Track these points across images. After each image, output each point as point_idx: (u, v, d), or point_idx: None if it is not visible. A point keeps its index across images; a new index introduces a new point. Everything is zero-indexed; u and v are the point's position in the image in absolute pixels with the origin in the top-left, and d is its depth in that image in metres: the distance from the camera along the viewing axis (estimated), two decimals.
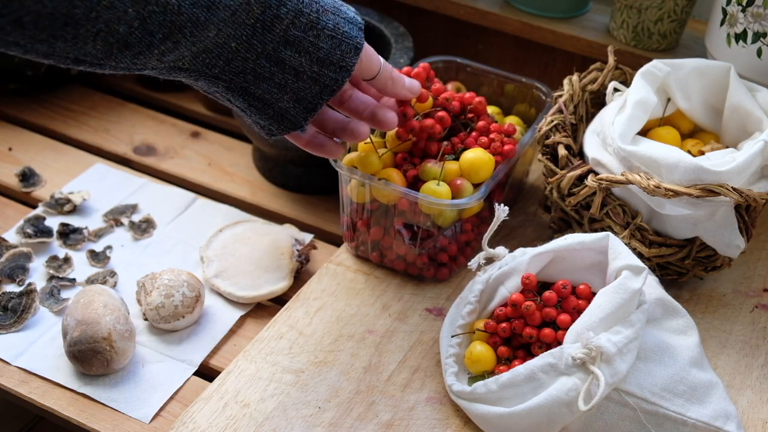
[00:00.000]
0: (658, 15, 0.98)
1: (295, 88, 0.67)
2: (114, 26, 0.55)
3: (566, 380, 0.67)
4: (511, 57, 1.15)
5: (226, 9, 0.60)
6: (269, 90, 0.67)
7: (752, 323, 0.84)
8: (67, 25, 0.54)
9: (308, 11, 0.65)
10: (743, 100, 0.84)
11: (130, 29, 0.56)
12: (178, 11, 0.57)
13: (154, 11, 0.56)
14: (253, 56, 0.64)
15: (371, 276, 0.88)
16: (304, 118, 0.69)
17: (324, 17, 0.66)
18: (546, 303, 0.73)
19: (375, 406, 0.74)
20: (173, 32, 0.58)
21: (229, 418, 0.73)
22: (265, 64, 0.65)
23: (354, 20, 0.68)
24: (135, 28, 0.56)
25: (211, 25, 0.60)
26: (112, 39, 0.56)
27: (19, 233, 0.92)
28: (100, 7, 0.54)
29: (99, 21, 0.54)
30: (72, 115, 1.13)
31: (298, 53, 0.65)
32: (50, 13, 0.52)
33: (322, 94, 0.68)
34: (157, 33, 0.57)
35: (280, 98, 0.67)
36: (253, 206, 1.01)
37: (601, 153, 0.82)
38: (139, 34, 0.57)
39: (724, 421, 0.68)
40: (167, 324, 0.81)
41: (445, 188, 0.79)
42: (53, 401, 0.76)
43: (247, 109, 0.68)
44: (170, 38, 0.58)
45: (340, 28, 0.67)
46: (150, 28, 0.57)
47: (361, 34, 0.68)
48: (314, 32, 0.65)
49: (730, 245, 0.81)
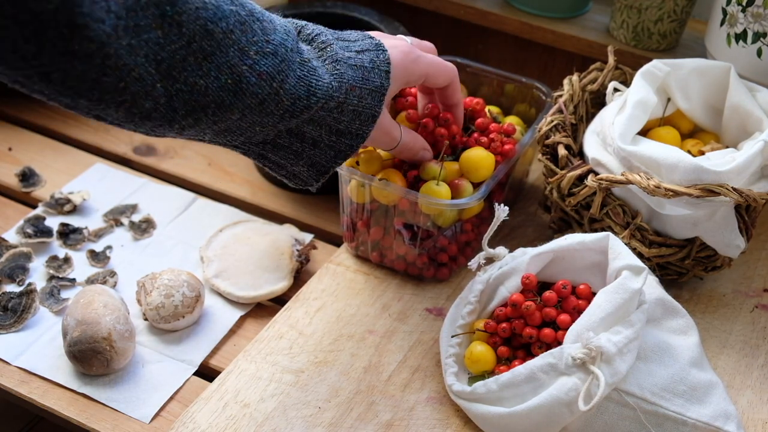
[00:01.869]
0: (658, 15, 0.98)
1: (310, 155, 0.68)
2: (140, 100, 0.55)
3: (566, 380, 0.67)
4: (511, 57, 1.15)
5: (253, 96, 0.60)
6: (285, 156, 0.68)
7: (752, 323, 0.84)
8: (94, 90, 0.53)
9: (337, 95, 0.65)
10: (743, 100, 0.84)
11: (155, 105, 0.56)
12: (205, 92, 0.58)
13: (181, 89, 0.57)
14: (274, 133, 0.65)
15: (371, 276, 0.88)
16: (316, 180, 0.71)
17: (351, 95, 0.66)
18: (546, 303, 0.73)
19: (375, 406, 0.74)
20: (196, 110, 0.58)
21: (229, 418, 0.73)
22: (285, 137, 0.66)
23: (379, 88, 0.68)
24: (161, 104, 0.56)
25: (236, 110, 0.60)
26: (135, 110, 0.56)
27: (19, 233, 0.92)
28: (129, 78, 0.54)
29: (126, 93, 0.54)
30: (72, 115, 1.13)
31: (319, 127, 0.67)
32: (79, 75, 0.52)
33: (336, 159, 0.69)
34: (180, 110, 0.58)
35: (295, 163, 0.69)
36: (253, 206, 1.01)
37: (601, 153, 0.82)
38: (163, 110, 0.57)
39: (724, 421, 0.68)
40: (167, 324, 0.81)
41: (445, 188, 0.79)
42: (53, 401, 0.76)
43: (261, 165, 0.70)
44: (192, 115, 0.59)
45: (363, 100, 0.67)
46: (175, 105, 0.57)
47: (381, 102, 0.68)
48: (339, 110, 0.66)
49: (730, 245, 0.81)
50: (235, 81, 0.59)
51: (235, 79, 0.59)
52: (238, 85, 0.59)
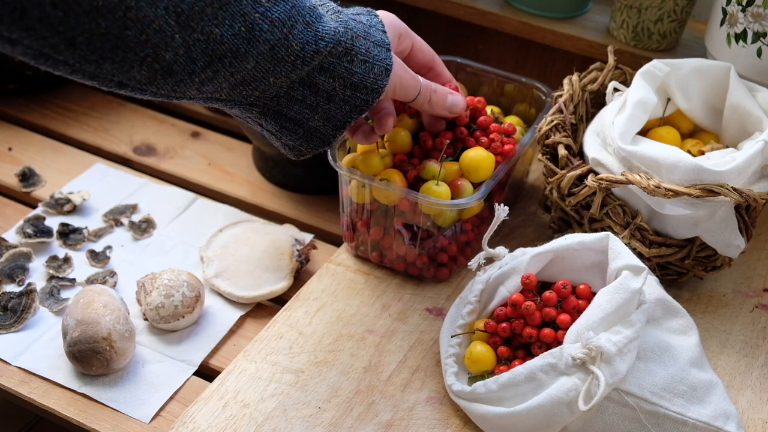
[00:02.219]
0: (658, 15, 0.98)
1: (326, 109, 0.69)
2: (161, 52, 0.57)
3: (566, 380, 0.67)
4: (511, 57, 1.15)
5: (265, 43, 0.62)
6: (301, 111, 0.69)
7: (752, 323, 0.84)
8: (118, 48, 0.55)
9: (344, 39, 0.67)
10: (743, 100, 0.84)
11: (175, 56, 0.58)
12: (221, 41, 0.60)
13: (198, 39, 0.58)
14: (287, 83, 0.66)
15: (371, 276, 0.88)
16: (333, 135, 0.71)
17: (357, 43, 0.68)
18: (546, 303, 0.73)
19: (375, 406, 0.74)
20: (214, 61, 0.60)
21: (229, 418, 0.73)
22: (298, 89, 0.67)
23: (382, 42, 0.70)
24: (180, 55, 0.58)
25: (251, 58, 0.62)
26: (157, 65, 0.58)
27: (19, 233, 0.92)
28: (150, 30, 0.56)
29: (147, 45, 0.56)
30: (72, 115, 1.13)
31: (332, 78, 0.68)
32: (103, 33, 0.54)
33: (351, 113, 0.70)
34: (198, 61, 0.59)
35: (311, 118, 0.70)
36: (253, 206, 1.01)
37: (601, 153, 0.82)
38: (183, 61, 0.59)
39: (724, 421, 0.68)
40: (167, 324, 0.81)
41: (445, 188, 0.79)
42: (53, 401, 0.76)
43: (279, 132, 0.71)
44: (210, 66, 0.60)
45: (371, 51, 0.69)
46: (193, 55, 0.59)
47: (390, 56, 0.70)
48: (348, 58, 0.68)
49: (730, 245, 0.81)
50: (249, 28, 0.61)
51: (248, 27, 0.61)
52: (251, 32, 0.61)
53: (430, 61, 0.80)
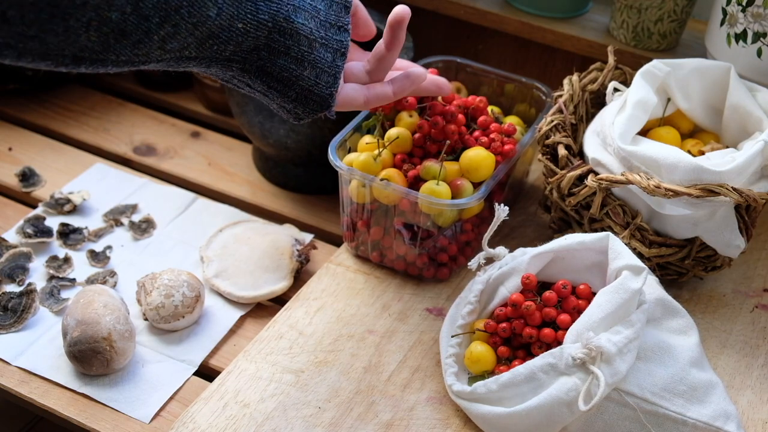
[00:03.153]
0: (658, 15, 0.98)
1: (311, 59, 0.65)
2: (105, 13, 0.53)
3: (566, 380, 0.67)
4: (511, 57, 1.15)
5: None
6: (287, 67, 0.64)
7: (752, 323, 0.84)
8: (55, 16, 0.51)
9: None
10: (743, 100, 0.84)
11: (123, 15, 0.54)
12: None
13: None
14: (264, 33, 0.62)
15: (371, 276, 0.88)
16: (329, 94, 0.67)
17: None
18: (546, 303, 0.73)
19: (375, 406, 0.74)
20: (170, 14, 0.56)
21: (229, 418, 0.73)
22: (278, 38, 0.63)
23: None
24: (128, 13, 0.54)
25: (210, 4, 0.57)
26: (106, 28, 0.54)
27: (19, 233, 0.92)
28: None
29: (87, 8, 0.52)
30: (72, 115, 1.13)
31: (306, 20, 0.64)
32: (33, 2, 0.50)
33: (335, 60, 0.66)
34: (153, 17, 0.55)
35: (300, 75, 0.65)
36: (253, 206, 1.01)
37: (601, 153, 0.82)
38: (134, 19, 0.54)
39: (724, 421, 0.68)
40: (167, 324, 0.81)
41: (445, 188, 0.79)
42: (53, 401, 0.76)
43: (268, 92, 0.66)
44: (168, 21, 0.56)
45: None
46: (144, 12, 0.55)
47: None
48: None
49: (730, 245, 0.81)
50: None
51: None
52: None
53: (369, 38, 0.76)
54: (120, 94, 1.19)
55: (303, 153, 0.97)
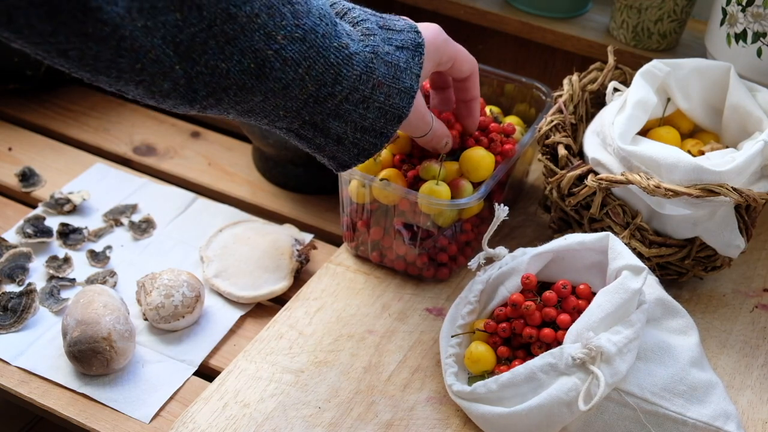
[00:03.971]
0: (658, 15, 0.98)
1: (333, 150, 0.67)
2: (158, 80, 0.54)
3: (566, 380, 0.67)
4: (511, 57, 1.15)
5: (277, 81, 0.59)
6: (308, 146, 0.67)
7: (752, 323, 0.84)
8: (111, 68, 0.53)
9: (363, 87, 0.64)
10: (743, 100, 0.84)
11: (175, 86, 0.55)
12: (226, 75, 0.57)
13: (201, 72, 0.55)
14: (298, 122, 0.64)
15: (371, 276, 0.88)
16: (337, 170, 0.70)
17: (378, 91, 0.65)
18: (546, 303, 0.73)
19: (375, 406, 0.74)
20: (217, 92, 0.57)
21: (229, 418, 0.73)
22: (309, 130, 0.65)
23: (409, 90, 0.67)
24: (180, 85, 0.55)
25: (258, 93, 0.59)
26: (155, 89, 0.55)
27: (19, 233, 0.92)
28: (146, 60, 0.53)
29: (144, 73, 0.54)
30: (72, 115, 1.13)
31: (345, 123, 0.65)
32: (94, 55, 0.52)
33: (359, 156, 0.68)
34: (200, 91, 0.57)
35: (317, 155, 0.68)
36: (253, 206, 1.01)
37: (601, 153, 0.82)
38: (183, 90, 0.56)
39: (724, 421, 0.68)
40: (167, 324, 0.81)
41: (445, 188, 0.79)
42: (53, 401, 0.76)
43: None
44: (213, 96, 0.58)
45: (390, 99, 0.66)
46: (195, 86, 0.56)
47: (410, 104, 0.67)
48: (364, 105, 0.65)
49: (730, 245, 0.81)
50: (259, 65, 0.57)
51: (258, 63, 0.57)
52: (262, 70, 0.58)
53: (465, 77, 0.77)
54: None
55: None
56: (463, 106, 0.81)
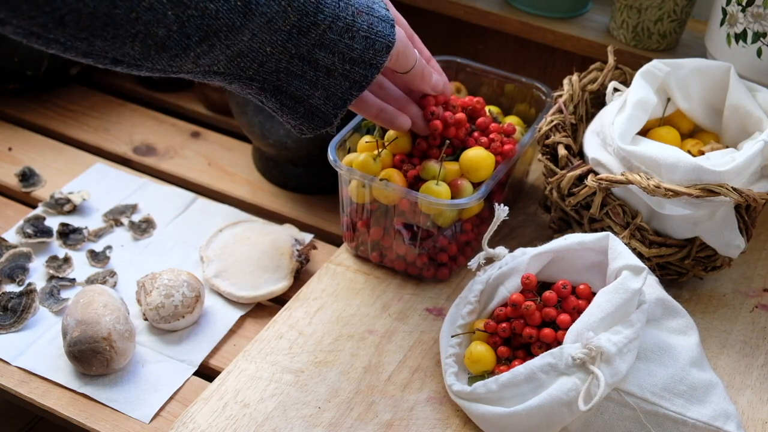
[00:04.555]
0: (658, 15, 0.98)
1: (326, 85, 0.68)
2: (153, 29, 0.56)
3: (566, 380, 0.67)
4: (511, 57, 1.15)
5: (262, 16, 0.61)
6: (301, 87, 0.68)
7: (752, 323, 0.84)
8: (108, 25, 0.54)
9: (344, 15, 0.66)
10: (743, 100, 0.84)
11: (168, 32, 0.57)
12: (216, 15, 0.58)
13: (192, 15, 0.57)
14: (286, 57, 0.65)
15: (371, 276, 0.88)
16: (334, 114, 0.71)
17: (359, 19, 0.67)
18: (546, 303, 0.73)
19: (375, 406, 0.74)
20: (209, 35, 0.59)
21: (229, 418, 0.73)
22: (297, 64, 0.66)
23: (386, 18, 0.69)
24: (173, 31, 0.57)
25: (246, 30, 0.61)
26: (150, 41, 0.57)
27: (19, 233, 0.92)
28: (140, 8, 0.55)
29: (138, 23, 0.55)
30: (72, 115, 1.13)
31: (332, 54, 0.67)
32: (91, 12, 0.53)
33: (351, 90, 0.69)
34: (193, 36, 0.58)
35: (311, 95, 0.69)
36: (253, 206, 1.01)
37: (601, 153, 0.82)
38: (177, 37, 0.58)
39: (724, 421, 0.68)
40: (167, 324, 0.81)
41: (445, 188, 0.79)
42: (53, 401, 0.76)
43: (279, 109, 0.70)
44: (206, 41, 0.59)
45: (374, 27, 0.68)
46: (187, 31, 0.58)
47: (393, 32, 0.70)
48: (349, 34, 0.67)
49: (730, 245, 0.81)
50: (245, 2, 0.60)
51: (244, 1, 0.59)
52: (248, 6, 0.60)
53: (409, 35, 0.78)
54: (120, 94, 1.19)
55: (303, 153, 0.97)
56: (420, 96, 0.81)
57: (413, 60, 0.75)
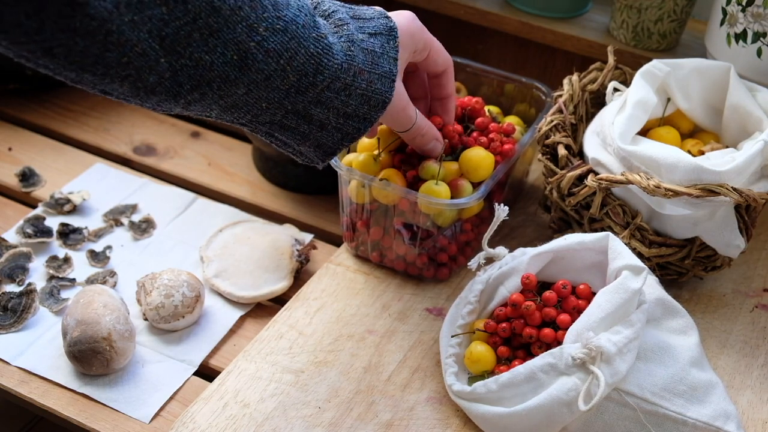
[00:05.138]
0: (658, 15, 0.98)
1: (318, 137, 0.68)
2: (144, 75, 0.55)
3: (566, 380, 0.67)
4: (511, 57, 1.15)
5: (259, 72, 0.60)
6: (292, 137, 0.68)
7: (752, 323, 0.84)
8: (98, 64, 0.54)
9: (344, 76, 0.65)
10: (743, 100, 0.84)
11: (160, 79, 0.56)
12: (210, 67, 0.58)
13: (186, 65, 0.57)
14: (281, 112, 0.65)
15: (371, 276, 0.88)
16: (322, 160, 0.70)
17: (359, 78, 0.66)
18: (546, 303, 0.73)
19: (375, 406, 0.74)
20: (201, 85, 0.58)
21: (229, 418, 0.73)
22: (292, 118, 0.66)
23: (388, 74, 0.68)
24: (165, 78, 0.57)
25: (241, 84, 0.60)
26: (140, 84, 0.56)
27: (19, 233, 0.92)
28: (132, 53, 0.54)
29: (130, 67, 0.55)
30: (72, 115, 1.13)
31: (327, 109, 0.66)
32: (81, 51, 0.52)
33: (342, 141, 0.69)
34: (185, 84, 0.58)
35: (302, 143, 0.69)
36: (253, 206, 1.01)
37: (601, 153, 0.82)
38: (168, 84, 0.57)
39: (724, 421, 0.68)
40: (167, 324, 0.81)
41: (445, 188, 0.79)
42: (53, 401, 0.76)
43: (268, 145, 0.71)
44: (198, 90, 0.59)
45: (372, 85, 0.67)
46: (180, 79, 0.57)
47: (392, 87, 0.68)
48: (346, 92, 0.66)
49: (730, 245, 0.81)
50: (242, 57, 0.59)
51: (241, 56, 0.58)
52: (244, 61, 0.59)
53: (439, 72, 0.78)
54: None
55: None
56: (438, 104, 0.80)
57: (406, 125, 0.74)
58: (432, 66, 0.77)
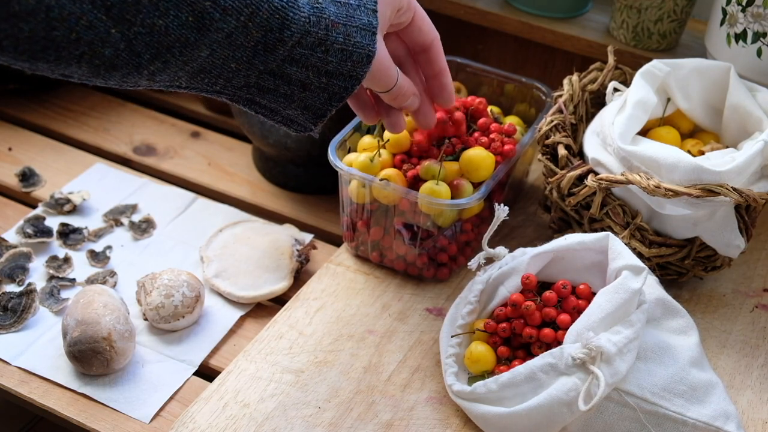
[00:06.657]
0: (658, 15, 0.98)
1: (302, 98, 0.65)
2: (98, 49, 0.53)
3: (566, 380, 0.67)
4: (511, 57, 1.15)
5: (219, 31, 0.57)
6: (275, 99, 0.65)
7: (752, 323, 0.84)
8: (48, 48, 0.52)
9: (315, 30, 0.62)
10: (743, 100, 0.84)
11: (116, 51, 0.54)
12: (166, 32, 0.55)
13: (139, 32, 0.54)
14: (255, 73, 0.62)
15: (371, 276, 0.88)
16: (314, 123, 0.67)
17: (333, 32, 0.63)
18: (546, 303, 0.73)
19: (375, 406, 0.74)
20: (161, 52, 0.56)
21: (229, 418, 0.73)
22: (269, 79, 0.63)
23: (368, 26, 0.64)
24: (121, 50, 0.54)
25: (203, 46, 0.57)
26: (97, 61, 0.54)
27: (19, 233, 0.92)
28: (79, 27, 0.52)
29: (81, 43, 0.52)
30: (72, 115, 1.13)
31: (305, 68, 0.63)
32: (28, 36, 0.51)
33: (330, 101, 0.66)
34: (144, 53, 0.55)
35: (287, 106, 0.65)
36: (253, 206, 1.01)
37: (601, 153, 0.82)
38: (125, 55, 0.55)
39: (724, 421, 0.68)
40: (167, 324, 0.81)
41: (445, 188, 0.79)
42: (53, 401, 0.76)
43: (255, 115, 0.67)
44: (159, 58, 0.56)
45: (351, 39, 0.63)
46: (137, 49, 0.55)
47: (374, 40, 0.65)
48: (322, 48, 0.62)
49: (730, 245, 0.81)
50: (197, 18, 0.56)
51: (197, 16, 0.56)
52: (201, 22, 0.56)
53: (427, 43, 0.72)
54: (120, 94, 1.19)
55: (303, 153, 0.97)
56: (434, 82, 0.76)
57: (388, 85, 0.70)
58: (417, 34, 0.72)
